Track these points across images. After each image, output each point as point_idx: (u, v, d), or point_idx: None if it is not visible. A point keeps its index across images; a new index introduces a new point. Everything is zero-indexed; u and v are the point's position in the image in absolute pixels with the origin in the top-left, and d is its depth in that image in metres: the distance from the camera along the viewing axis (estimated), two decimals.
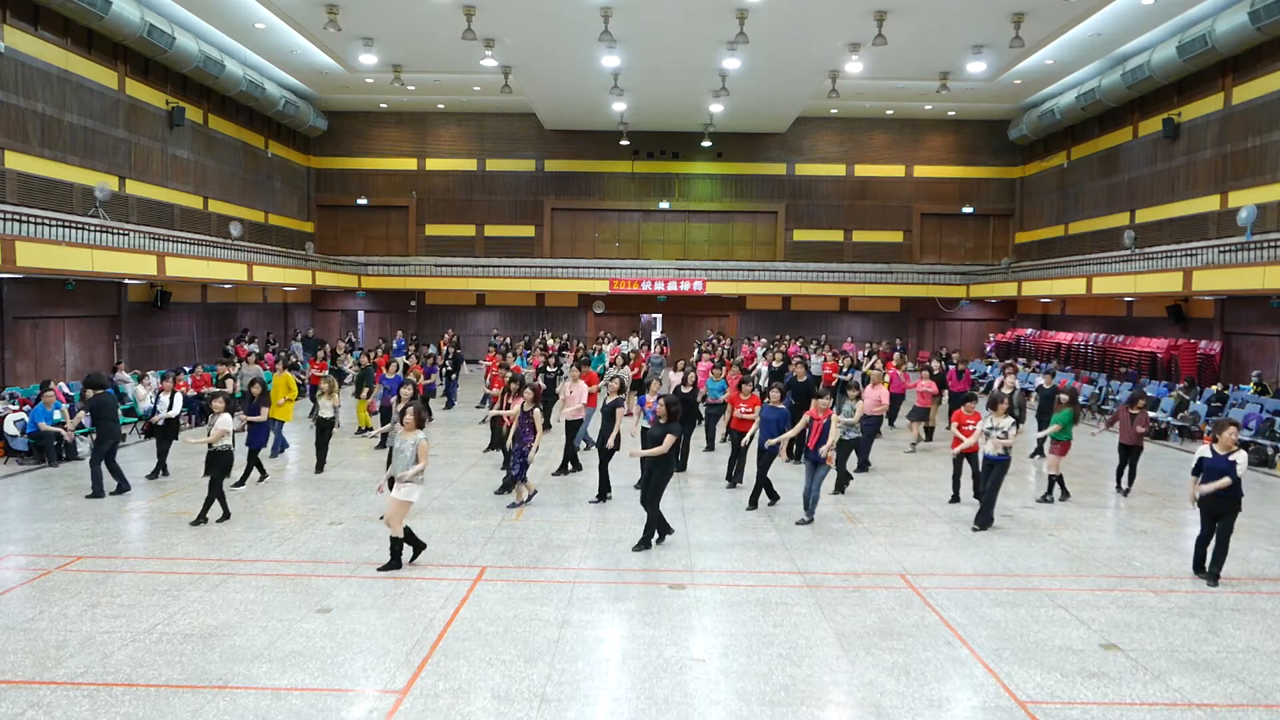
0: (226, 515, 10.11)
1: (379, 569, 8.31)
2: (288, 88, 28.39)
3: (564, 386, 13.31)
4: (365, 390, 16.55)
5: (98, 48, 20.24)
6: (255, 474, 12.13)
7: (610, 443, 11.03)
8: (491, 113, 32.41)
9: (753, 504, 11.00)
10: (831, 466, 10.18)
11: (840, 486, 11.98)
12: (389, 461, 8.39)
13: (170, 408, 12.41)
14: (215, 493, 9.97)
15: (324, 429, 13.17)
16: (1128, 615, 7.45)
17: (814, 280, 31.59)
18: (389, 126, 32.91)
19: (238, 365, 17.98)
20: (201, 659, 6.29)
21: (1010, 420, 10.08)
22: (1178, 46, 20.90)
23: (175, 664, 6.21)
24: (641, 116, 30.20)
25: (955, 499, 11.52)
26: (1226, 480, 8.13)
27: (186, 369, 20.86)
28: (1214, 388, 18.54)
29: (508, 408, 11.85)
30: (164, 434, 12.48)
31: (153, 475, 12.40)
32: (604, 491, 11.28)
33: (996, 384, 14.21)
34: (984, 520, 10.16)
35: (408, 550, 8.51)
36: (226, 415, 10.05)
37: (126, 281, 20.23)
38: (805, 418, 10.31)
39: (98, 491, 11.16)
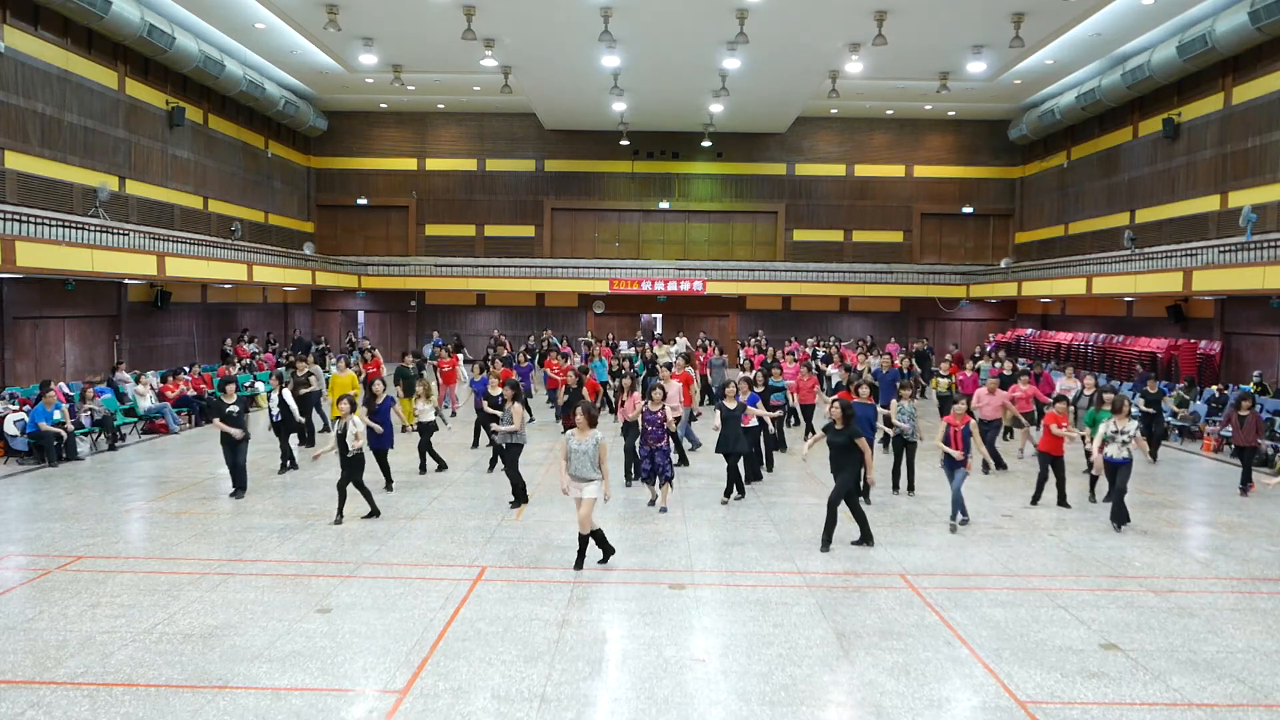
0: (375, 512, 10.28)
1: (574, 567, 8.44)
2: (288, 88, 28.39)
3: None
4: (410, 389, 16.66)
5: (98, 48, 20.24)
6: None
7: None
8: (491, 113, 32.41)
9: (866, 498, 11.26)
10: (970, 471, 10.18)
11: (909, 484, 12.07)
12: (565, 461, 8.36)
13: (281, 405, 13.08)
14: (363, 491, 10.15)
15: (427, 432, 12.99)
16: (1128, 615, 7.45)
17: (814, 280, 31.59)
18: (389, 126, 32.90)
19: (307, 365, 17.51)
20: (201, 659, 6.29)
21: (1134, 423, 10.23)
22: (1178, 46, 20.89)
23: (175, 664, 6.21)
24: (641, 116, 30.20)
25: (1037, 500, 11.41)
26: None
27: (186, 369, 20.86)
28: (1214, 388, 18.53)
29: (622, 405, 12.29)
30: (285, 429, 13.13)
31: (281, 470, 13.03)
32: (741, 491, 11.43)
33: (1085, 387, 14.54)
34: (1120, 517, 10.16)
35: (594, 550, 8.64)
36: (358, 418, 10.05)
37: (126, 281, 20.23)
38: (943, 423, 10.20)
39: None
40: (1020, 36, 20.19)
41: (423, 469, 13.07)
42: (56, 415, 13.79)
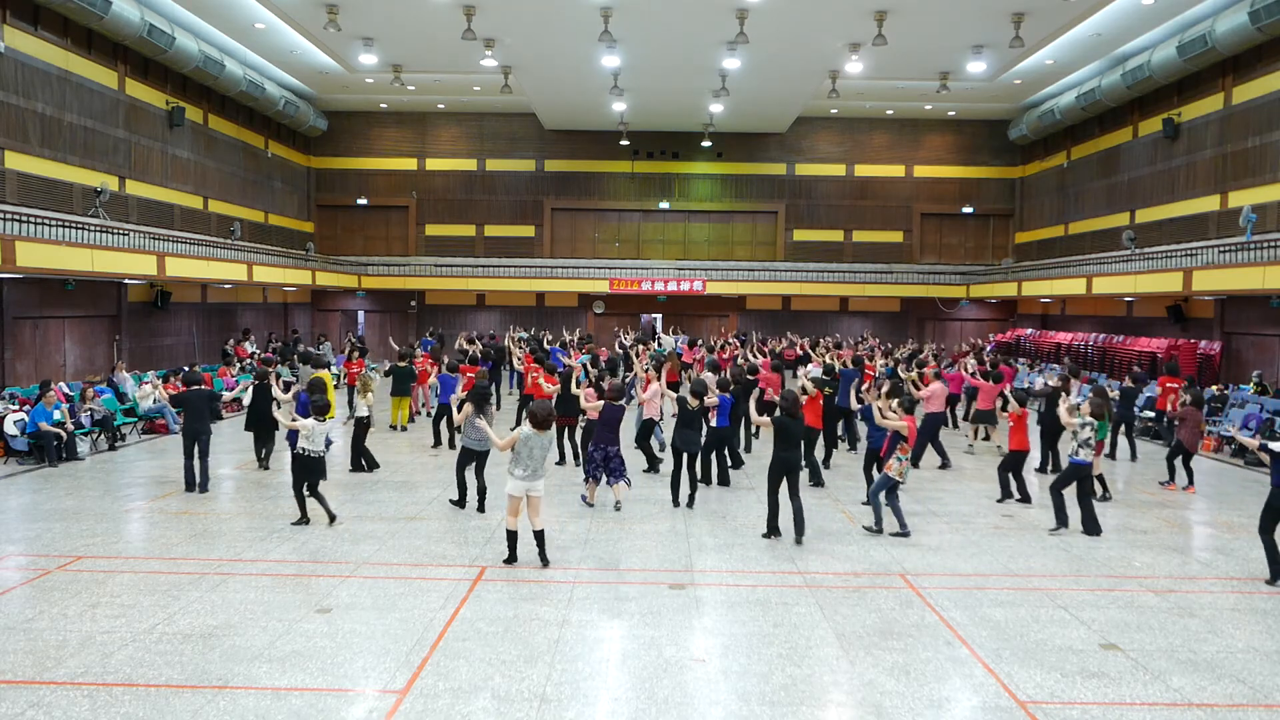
0: (303, 520, 9.95)
1: (544, 565, 8.47)
2: (288, 88, 28.39)
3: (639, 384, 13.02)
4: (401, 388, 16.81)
5: (98, 48, 20.24)
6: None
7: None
8: (491, 113, 32.41)
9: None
10: (890, 473, 9.85)
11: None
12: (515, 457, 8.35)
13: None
14: (315, 496, 9.89)
15: (363, 428, 12.97)
16: (1128, 615, 7.45)
17: (814, 280, 31.60)
18: (389, 126, 32.90)
19: (293, 365, 17.67)
20: (201, 659, 6.29)
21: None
22: (1178, 46, 20.89)
23: (175, 664, 6.21)
24: (641, 116, 30.20)
25: (1006, 498, 11.51)
26: None
27: (185, 369, 20.84)
28: (1214, 388, 18.54)
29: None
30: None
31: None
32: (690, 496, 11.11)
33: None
34: (1094, 527, 9.95)
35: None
36: (310, 419, 9.90)
37: (126, 281, 20.22)
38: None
39: (190, 485, 11.58)
40: (1020, 36, 20.18)
41: (354, 466, 13.00)
42: (56, 415, 13.77)
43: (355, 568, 8.45)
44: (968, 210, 33.38)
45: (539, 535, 8.49)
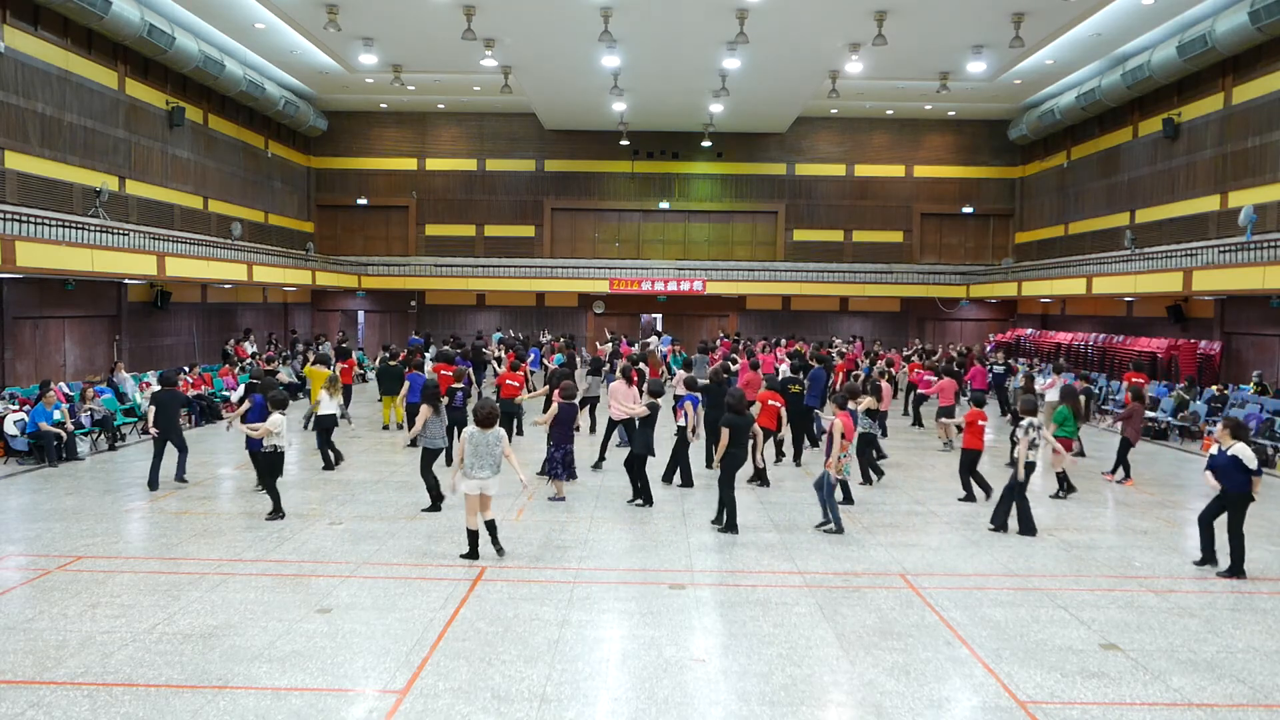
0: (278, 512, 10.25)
1: (500, 555, 8.70)
2: (288, 88, 28.39)
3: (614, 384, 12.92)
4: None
5: (98, 48, 20.24)
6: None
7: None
8: (491, 113, 32.42)
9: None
10: (830, 471, 9.82)
11: (866, 478, 12.47)
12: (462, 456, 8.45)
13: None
14: (271, 491, 10.20)
15: (324, 425, 13.04)
16: (1128, 615, 7.46)
17: (814, 280, 31.61)
18: (389, 126, 32.91)
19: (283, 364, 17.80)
20: (201, 659, 6.29)
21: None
22: (1178, 46, 20.90)
23: (175, 664, 6.21)
24: (641, 116, 30.20)
25: (970, 498, 11.56)
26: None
27: (185, 369, 20.83)
28: (1214, 388, 18.54)
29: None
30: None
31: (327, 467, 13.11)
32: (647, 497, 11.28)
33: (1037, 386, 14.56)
34: (1002, 522, 10.05)
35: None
36: (276, 415, 10.03)
37: (126, 281, 20.22)
38: (839, 419, 10.06)
39: (154, 485, 11.72)
40: (1020, 36, 20.19)
41: (326, 464, 13.08)
42: (56, 415, 13.77)
43: (355, 568, 8.45)
44: (968, 210, 33.38)
45: (490, 524, 8.67)
